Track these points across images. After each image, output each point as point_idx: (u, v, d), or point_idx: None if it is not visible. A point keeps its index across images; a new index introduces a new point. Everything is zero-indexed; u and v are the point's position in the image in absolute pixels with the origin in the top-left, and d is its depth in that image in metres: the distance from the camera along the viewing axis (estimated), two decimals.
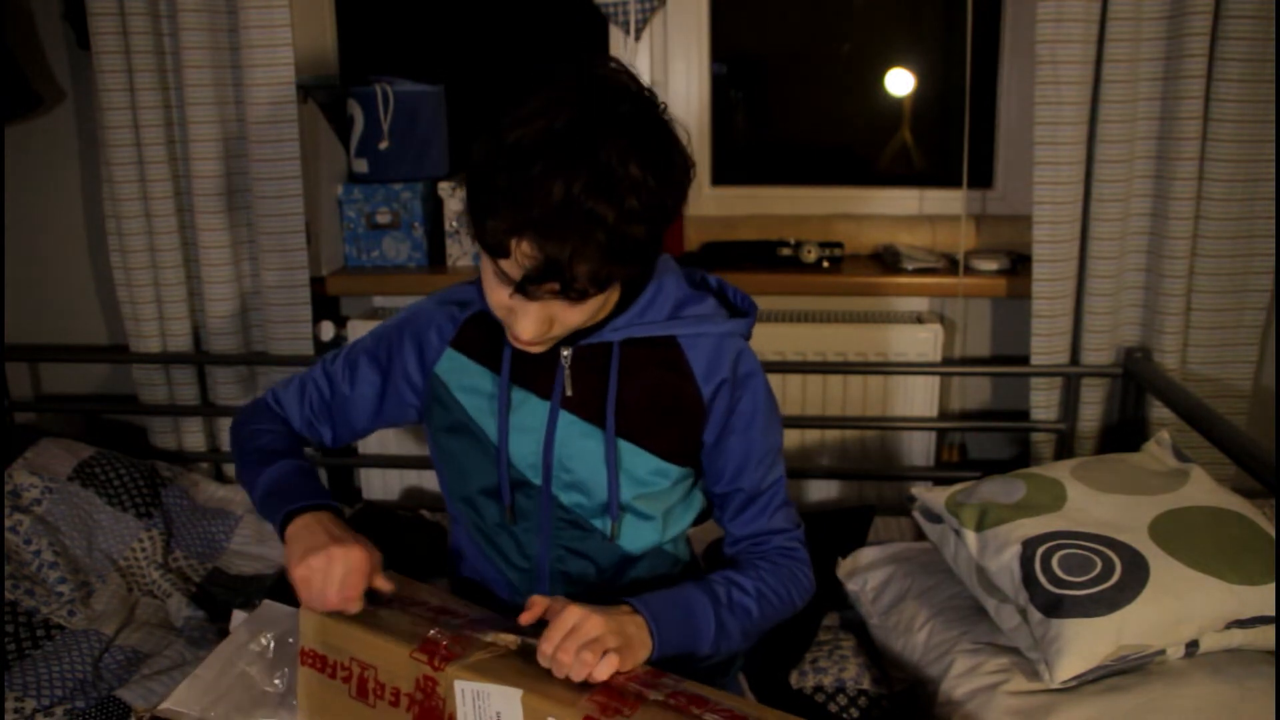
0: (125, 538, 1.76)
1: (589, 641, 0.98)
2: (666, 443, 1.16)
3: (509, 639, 1.05)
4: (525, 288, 0.97)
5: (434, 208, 2.10)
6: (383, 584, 1.09)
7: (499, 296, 1.03)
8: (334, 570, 1.04)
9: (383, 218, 2.07)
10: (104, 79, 1.88)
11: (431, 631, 1.04)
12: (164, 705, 1.10)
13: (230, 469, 2.14)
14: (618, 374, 1.13)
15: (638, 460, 1.15)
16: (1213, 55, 1.71)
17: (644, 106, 0.99)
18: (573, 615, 0.99)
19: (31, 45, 2.07)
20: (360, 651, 1.05)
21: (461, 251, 2.06)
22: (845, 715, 1.36)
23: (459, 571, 1.30)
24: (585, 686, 0.97)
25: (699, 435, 1.17)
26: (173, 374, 2.09)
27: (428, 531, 1.86)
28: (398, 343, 1.23)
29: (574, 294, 0.97)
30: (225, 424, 2.11)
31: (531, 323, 1.02)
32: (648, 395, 1.14)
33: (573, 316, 1.03)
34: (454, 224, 2.05)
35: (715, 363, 1.16)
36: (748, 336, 1.20)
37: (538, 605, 1.04)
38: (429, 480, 2.12)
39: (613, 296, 1.11)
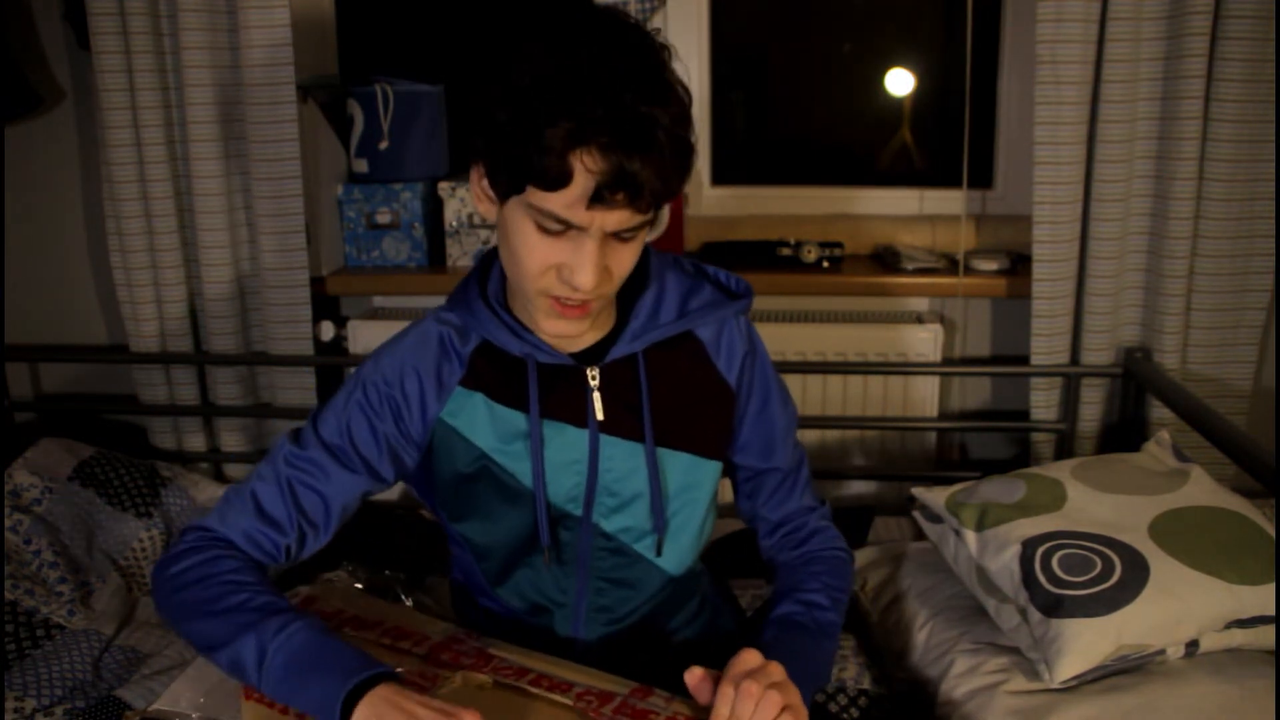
0: (125, 538, 1.76)
1: (776, 683, 0.95)
2: (702, 437, 1.14)
3: (481, 678, 1.00)
4: (602, 195, 0.90)
5: (434, 208, 2.10)
6: None
7: (543, 253, 0.96)
8: None
9: (383, 218, 2.07)
10: (104, 79, 1.88)
11: (399, 669, 0.96)
12: (155, 705, 1.10)
13: (231, 470, 2.14)
14: (646, 380, 1.10)
15: (677, 463, 1.12)
16: (1213, 55, 1.70)
17: (640, 30, 0.96)
18: (755, 656, 0.97)
19: (31, 45, 2.07)
20: None
21: (461, 251, 2.06)
22: (845, 715, 1.36)
23: (477, 603, 1.21)
24: None
25: (731, 421, 1.16)
26: (173, 374, 2.08)
27: (426, 531, 1.86)
28: (394, 392, 1.09)
29: (640, 203, 0.92)
30: (225, 424, 2.12)
31: (592, 266, 0.95)
32: (677, 393, 1.12)
33: (624, 260, 0.99)
34: (454, 224, 2.05)
35: (732, 344, 1.14)
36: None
37: (701, 676, 0.97)
38: None
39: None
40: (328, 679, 0.91)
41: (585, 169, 0.90)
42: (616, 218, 0.93)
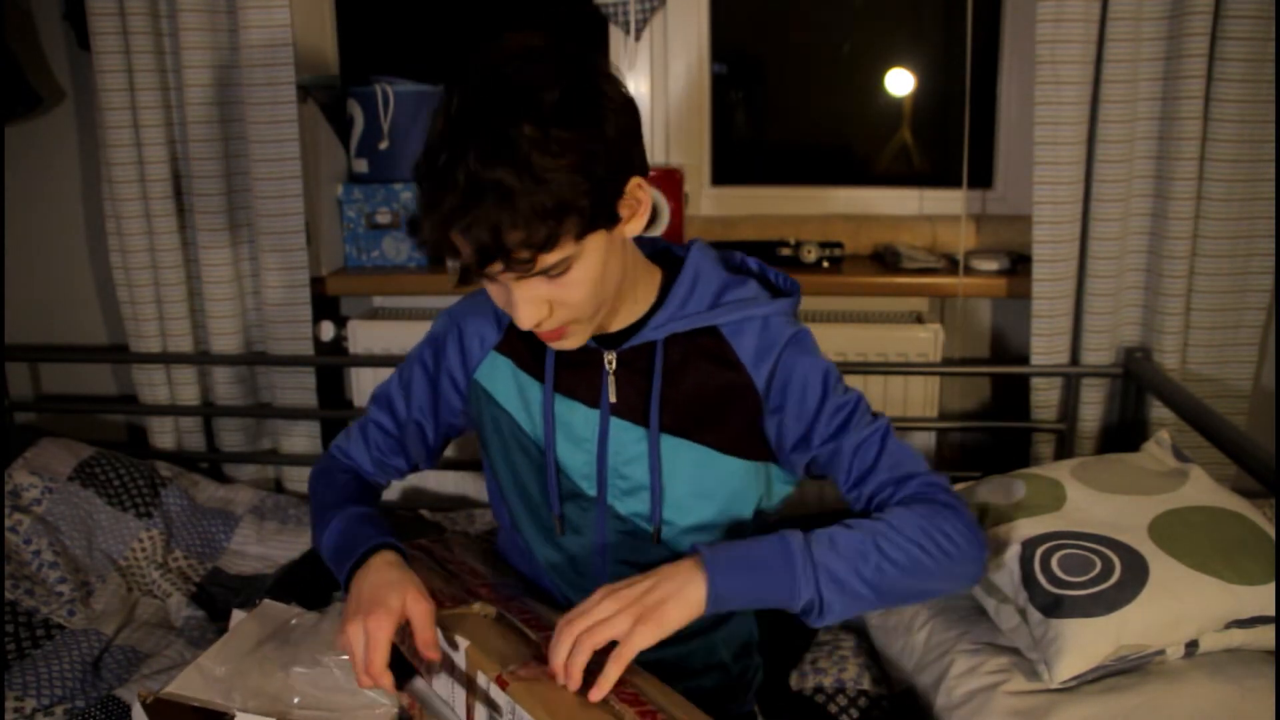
0: (125, 538, 1.76)
1: (592, 626, 0.94)
2: (724, 435, 1.11)
3: (490, 610, 1.09)
4: (470, 279, 0.95)
5: None
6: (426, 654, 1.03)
7: (495, 295, 1.01)
8: (355, 644, 1.01)
9: (383, 218, 2.07)
10: (104, 79, 1.88)
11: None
12: (169, 689, 1.11)
13: (230, 469, 2.15)
14: (662, 372, 1.09)
15: (689, 455, 1.11)
16: (1213, 55, 1.70)
17: (542, 56, 0.94)
18: (590, 599, 0.97)
19: (31, 45, 2.08)
20: None
21: None
22: (845, 716, 1.36)
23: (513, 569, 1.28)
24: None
25: (758, 423, 1.11)
26: (173, 374, 2.09)
27: (427, 532, 1.86)
28: (443, 346, 1.20)
29: (520, 266, 0.92)
30: (225, 424, 2.12)
31: (524, 309, 0.97)
32: (696, 389, 1.10)
33: (570, 292, 0.97)
34: None
35: (765, 346, 1.10)
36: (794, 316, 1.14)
37: None
38: (430, 480, 2.12)
39: (646, 285, 1.09)
40: (343, 565, 1.10)
41: (463, 248, 0.94)
42: (514, 273, 0.95)
